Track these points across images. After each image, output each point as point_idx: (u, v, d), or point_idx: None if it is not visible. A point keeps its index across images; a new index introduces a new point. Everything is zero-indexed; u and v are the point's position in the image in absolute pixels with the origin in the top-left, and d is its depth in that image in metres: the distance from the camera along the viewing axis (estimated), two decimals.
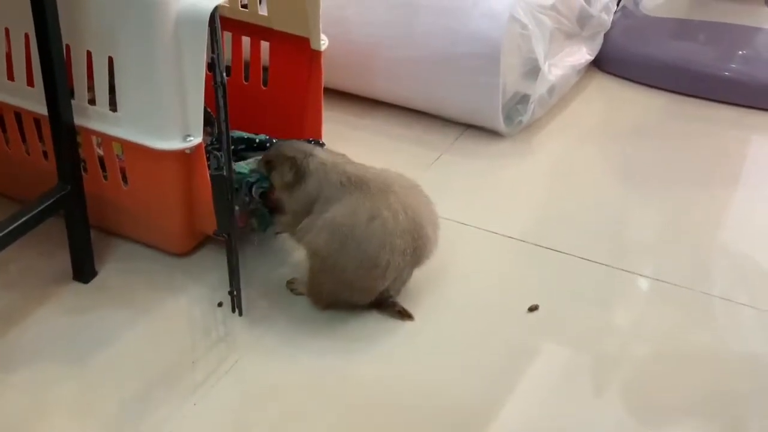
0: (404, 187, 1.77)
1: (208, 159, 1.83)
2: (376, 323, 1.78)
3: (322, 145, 2.09)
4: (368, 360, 1.72)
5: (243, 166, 1.92)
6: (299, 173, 1.76)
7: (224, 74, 1.61)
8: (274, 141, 2.00)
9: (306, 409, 1.62)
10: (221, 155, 1.65)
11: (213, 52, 1.62)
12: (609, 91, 2.56)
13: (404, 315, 1.79)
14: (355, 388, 1.66)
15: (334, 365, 1.70)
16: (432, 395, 1.65)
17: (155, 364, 1.69)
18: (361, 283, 1.73)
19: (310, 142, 2.07)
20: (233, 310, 1.75)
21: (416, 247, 1.74)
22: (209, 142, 1.93)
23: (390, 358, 1.72)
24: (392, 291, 1.78)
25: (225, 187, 1.67)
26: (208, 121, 1.89)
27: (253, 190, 1.88)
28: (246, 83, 2.17)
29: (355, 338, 1.76)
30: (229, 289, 1.74)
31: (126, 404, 1.62)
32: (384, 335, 1.76)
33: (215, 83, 1.61)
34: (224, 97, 1.61)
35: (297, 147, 1.81)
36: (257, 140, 2.00)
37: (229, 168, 1.65)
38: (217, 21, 1.65)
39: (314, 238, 1.73)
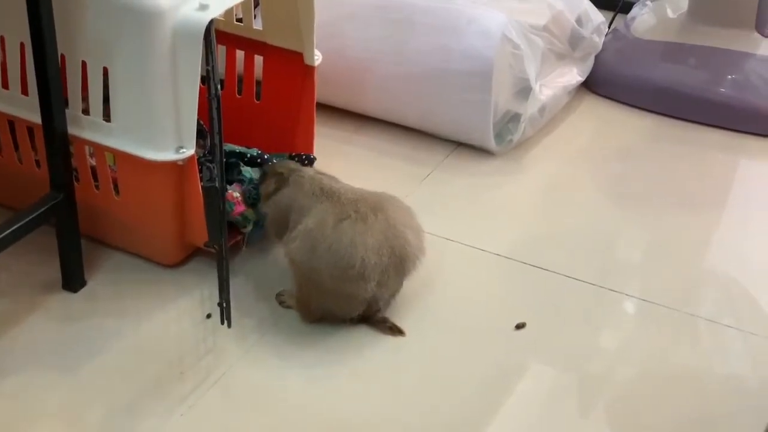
0: (376, 195, 1.79)
1: (200, 171, 1.83)
2: (363, 337, 1.78)
3: (314, 159, 2.11)
4: (355, 374, 1.72)
5: (249, 171, 1.97)
6: (278, 185, 1.83)
7: (219, 87, 1.62)
8: (266, 156, 2.01)
9: (293, 422, 1.63)
10: (213, 167, 1.66)
11: (208, 65, 1.63)
12: (599, 112, 2.58)
13: (395, 330, 1.79)
14: (342, 402, 1.67)
15: (321, 378, 1.71)
16: (418, 411, 1.66)
17: (143, 374, 1.70)
18: (342, 289, 1.73)
19: (302, 157, 2.08)
20: (222, 322, 1.75)
21: (393, 247, 1.74)
22: (201, 155, 1.94)
23: (377, 373, 1.73)
24: (381, 303, 1.79)
25: (216, 199, 1.68)
26: (200, 134, 1.90)
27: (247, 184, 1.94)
28: (239, 97, 2.18)
29: (342, 352, 1.76)
30: (218, 300, 1.75)
31: (113, 414, 1.62)
32: (371, 350, 1.77)
33: (209, 96, 1.62)
34: (218, 109, 1.62)
35: (289, 165, 1.87)
36: (248, 155, 2.01)
37: (222, 180, 1.66)
38: (212, 34, 1.66)
39: (290, 249, 1.77)
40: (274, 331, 1.79)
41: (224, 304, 1.74)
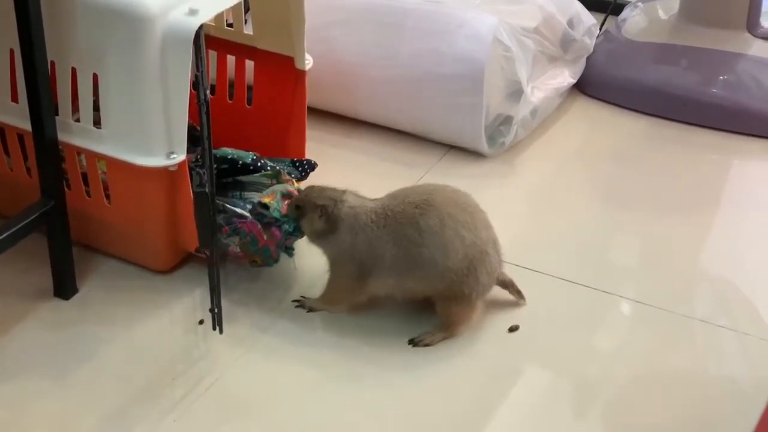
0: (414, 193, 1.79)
1: (191, 176, 1.83)
2: (355, 344, 1.78)
3: (315, 165, 2.09)
4: (348, 380, 1.72)
5: (274, 206, 1.85)
6: (330, 221, 1.75)
7: (208, 92, 1.61)
8: (260, 163, 1.99)
9: (286, 428, 1.62)
10: (203, 172, 1.65)
11: (197, 70, 1.62)
12: (591, 114, 2.58)
13: (520, 294, 1.88)
14: (335, 408, 1.66)
15: (314, 384, 1.71)
16: (411, 416, 1.65)
17: (135, 380, 1.69)
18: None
19: (304, 163, 2.07)
20: (214, 328, 1.75)
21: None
22: (193, 160, 1.93)
23: (370, 378, 1.72)
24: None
25: (207, 205, 1.67)
26: (197, 139, 1.89)
27: (284, 235, 1.85)
28: (230, 102, 2.17)
29: (334, 358, 1.76)
30: (210, 306, 1.74)
31: (105, 420, 1.62)
32: (364, 355, 1.76)
33: (199, 101, 1.61)
34: (207, 114, 1.61)
35: (327, 194, 1.77)
36: (240, 162, 1.99)
37: (212, 185, 1.65)
38: (202, 39, 1.66)
39: (441, 279, 1.74)
40: (266, 337, 1.79)
41: (216, 310, 1.73)
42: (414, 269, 1.73)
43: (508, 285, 1.87)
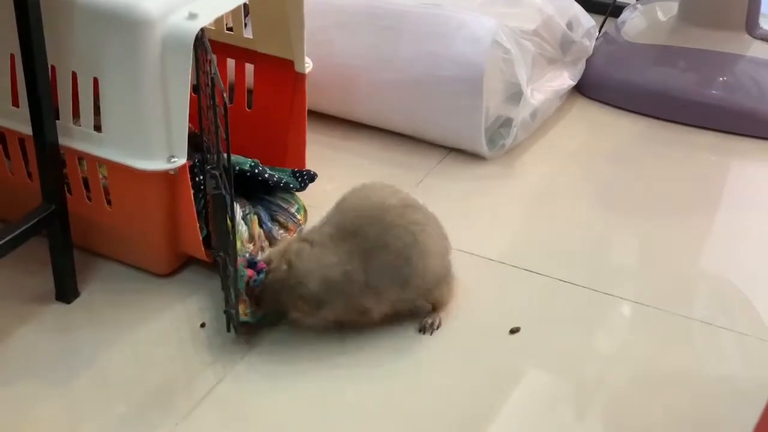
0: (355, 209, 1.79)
1: (204, 179, 1.82)
2: (359, 348, 1.78)
3: (315, 176, 2.09)
4: (351, 385, 1.72)
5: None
6: (317, 300, 1.73)
7: (226, 95, 1.60)
8: (258, 170, 1.97)
9: None
10: (218, 175, 1.65)
11: (211, 72, 1.63)
12: (591, 115, 2.58)
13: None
14: (339, 414, 1.66)
15: (317, 389, 1.71)
16: (413, 418, 1.66)
17: (137, 385, 1.69)
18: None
19: (303, 173, 2.06)
20: (228, 330, 1.75)
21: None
22: (192, 163, 1.93)
23: (373, 383, 1.72)
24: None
25: (224, 207, 1.67)
26: (197, 145, 1.89)
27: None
28: (231, 105, 2.18)
29: (338, 363, 1.76)
30: (224, 308, 1.74)
31: (107, 425, 1.62)
32: (367, 361, 1.76)
33: (211, 104, 1.62)
34: (226, 116, 1.60)
35: (294, 278, 1.72)
36: (237, 169, 1.97)
37: (231, 187, 1.64)
38: (207, 43, 1.67)
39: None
40: (269, 342, 1.79)
41: (230, 311, 1.73)
42: (408, 281, 1.76)
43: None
